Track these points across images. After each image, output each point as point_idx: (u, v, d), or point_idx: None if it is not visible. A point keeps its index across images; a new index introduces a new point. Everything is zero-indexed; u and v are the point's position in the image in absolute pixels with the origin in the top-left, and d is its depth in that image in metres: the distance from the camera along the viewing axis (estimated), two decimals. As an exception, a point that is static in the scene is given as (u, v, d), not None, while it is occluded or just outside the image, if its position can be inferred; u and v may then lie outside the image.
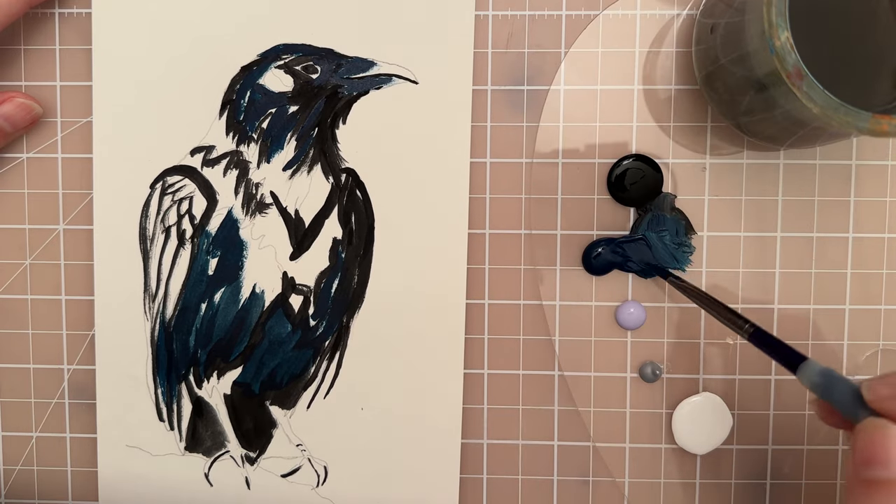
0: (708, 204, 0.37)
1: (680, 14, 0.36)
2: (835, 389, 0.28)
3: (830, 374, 0.28)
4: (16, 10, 0.35)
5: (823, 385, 0.28)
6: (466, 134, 0.36)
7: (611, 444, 0.38)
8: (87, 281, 0.38)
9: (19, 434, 0.38)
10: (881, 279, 0.37)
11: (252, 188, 0.37)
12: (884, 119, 0.27)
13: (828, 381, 0.28)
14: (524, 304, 0.37)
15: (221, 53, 0.36)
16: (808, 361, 0.29)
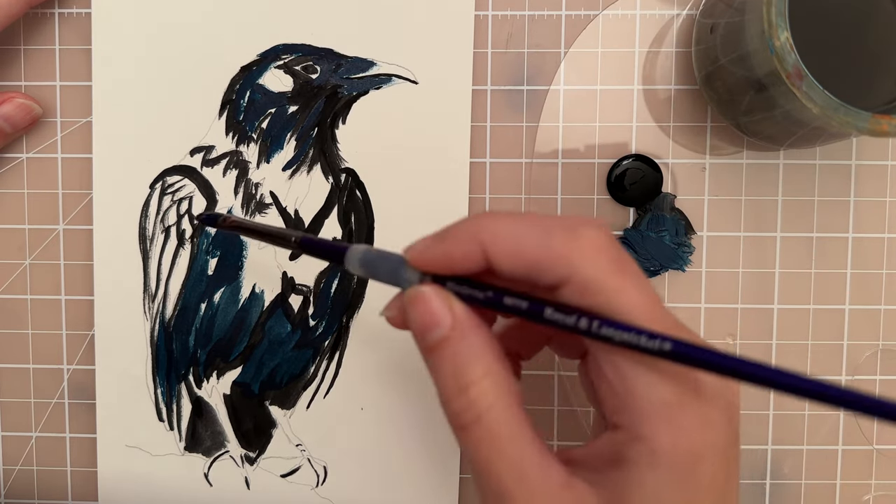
0: (708, 204, 0.37)
1: (680, 14, 0.36)
2: (379, 265, 0.25)
3: (372, 251, 0.26)
4: (16, 10, 0.35)
5: (368, 264, 0.26)
6: (466, 134, 0.36)
7: (610, 444, 0.38)
8: (86, 281, 0.38)
9: (19, 434, 0.38)
10: (881, 279, 0.37)
11: (252, 188, 0.37)
12: (884, 119, 0.27)
13: (371, 259, 0.26)
14: (524, 304, 0.37)
15: (221, 53, 0.36)
16: (350, 248, 0.26)
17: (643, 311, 0.22)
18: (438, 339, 0.24)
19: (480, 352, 0.24)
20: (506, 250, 0.23)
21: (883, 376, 0.37)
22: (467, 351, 0.24)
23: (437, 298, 0.24)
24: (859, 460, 0.37)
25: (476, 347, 0.24)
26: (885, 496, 0.38)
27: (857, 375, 0.37)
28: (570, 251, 0.22)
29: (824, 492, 0.38)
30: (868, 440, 0.37)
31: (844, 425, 0.37)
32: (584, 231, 0.23)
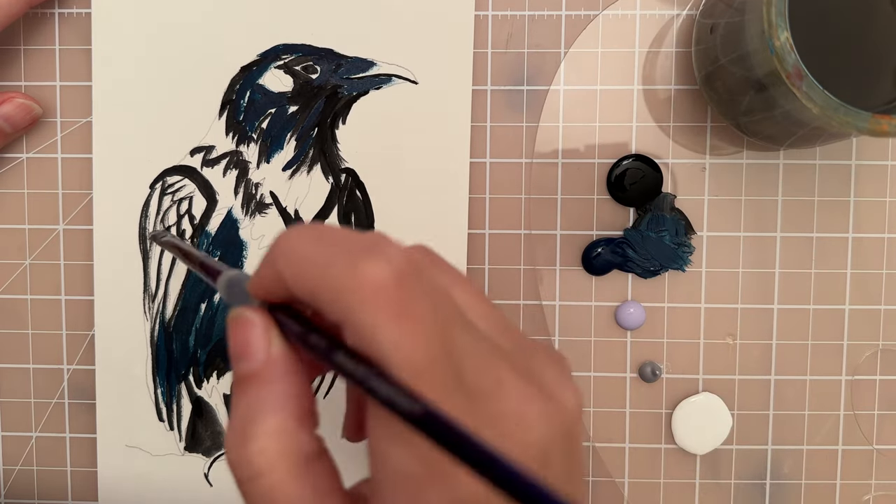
0: (708, 204, 0.37)
1: (680, 14, 0.36)
2: (234, 290, 0.23)
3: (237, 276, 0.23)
4: (16, 10, 0.35)
5: (227, 288, 0.23)
6: (466, 134, 0.36)
7: (610, 444, 0.38)
8: (86, 281, 0.38)
9: (19, 434, 0.38)
10: (881, 279, 0.37)
11: (252, 188, 0.37)
12: (884, 119, 0.27)
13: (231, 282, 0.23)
14: (524, 304, 0.37)
15: (221, 53, 0.36)
16: (223, 273, 0.24)
17: (415, 368, 0.18)
18: (246, 372, 0.21)
19: (280, 404, 0.21)
20: (293, 276, 0.20)
21: (883, 376, 0.37)
22: (268, 398, 0.21)
23: (257, 328, 0.21)
24: (859, 460, 0.37)
25: (278, 397, 0.21)
26: (885, 496, 0.38)
27: (857, 375, 0.37)
28: (344, 288, 0.19)
29: (824, 492, 0.38)
30: (868, 440, 0.37)
31: (844, 425, 0.37)
32: (366, 265, 0.19)
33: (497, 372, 0.20)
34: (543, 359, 0.22)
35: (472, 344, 0.20)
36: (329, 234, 0.21)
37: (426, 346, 0.18)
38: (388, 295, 0.19)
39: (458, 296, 0.21)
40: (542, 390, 0.20)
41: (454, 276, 0.22)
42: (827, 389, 0.37)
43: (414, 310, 0.19)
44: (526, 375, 0.20)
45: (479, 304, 0.21)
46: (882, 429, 0.37)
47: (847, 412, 0.37)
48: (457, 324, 0.20)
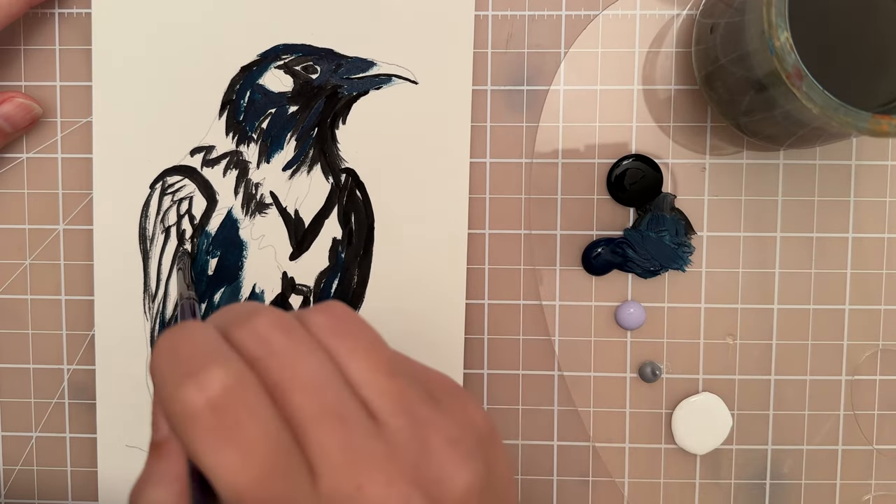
0: (708, 204, 0.37)
1: (680, 14, 0.36)
2: None
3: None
4: (16, 10, 0.35)
5: None
6: (466, 134, 0.36)
7: (610, 444, 0.38)
8: (86, 281, 0.38)
9: (19, 434, 0.38)
10: (881, 279, 0.37)
11: (252, 188, 0.37)
12: (884, 119, 0.27)
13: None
14: (524, 304, 0.37)
15: (221, 53, 0.36)
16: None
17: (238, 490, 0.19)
18: (152, 440, 0.23)
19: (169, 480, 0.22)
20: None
21: (883, 376, 0.37)
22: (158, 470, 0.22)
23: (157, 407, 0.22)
24: (859, 460, 0.37)
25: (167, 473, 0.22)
26: (885, 496, 0.38)
27: (857, 375, 0.37)
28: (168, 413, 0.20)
29: (824, 492, 0.38)
30: (868, 440, 0.37)
31: (844, 425, 0.37)
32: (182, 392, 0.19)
33: (358, 477, 0.19)
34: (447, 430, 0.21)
35: (336, 443, 0.20)
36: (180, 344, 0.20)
37: (248, 467, 0.19)
38: (204, 422, 0.19)
39: (355, 371, 0.21)
40: (419, 482, 0.20)
41: (353, 346, 0.22)
42: (827, 389, 0.37)
43: (235, 434, 0.19)
44: (401, 469, 0.20)
45: (377, 378, 0.21)
46: (882, 429, 0.37)
47: (847, 412, 0.37)
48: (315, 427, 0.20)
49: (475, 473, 0.21)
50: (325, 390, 0.20)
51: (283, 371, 0.20)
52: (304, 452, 0.20)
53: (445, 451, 0.21)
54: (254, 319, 0.21)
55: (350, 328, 0.22)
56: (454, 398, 0.23)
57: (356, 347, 0.22)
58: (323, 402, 0.20)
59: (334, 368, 0.21)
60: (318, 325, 0.22)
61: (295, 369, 0.20)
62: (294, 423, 0.20)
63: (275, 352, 0.21)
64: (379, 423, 0.21)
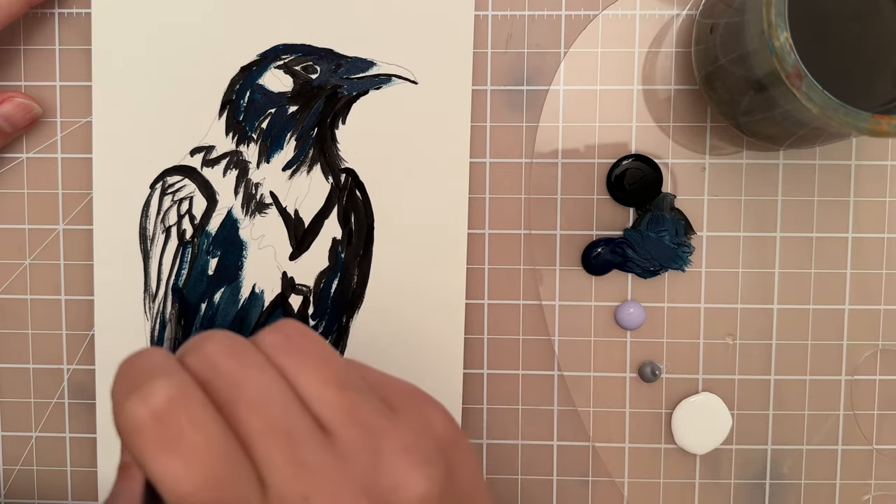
0: (707, 204, 0.37)
1: (679, 14, 0.36)
2: None
3: None
4: (16, 10, 0.35)
5: None
6: (466, 134, 0.36)
7: (610, 444, 0.38)
8: (86, 281, 0.38)
9: (19, 434, 0.39)
10: (881, 279, 0.37)
11: (252, 188, 0.37)
12: (883, 119, 0.27)
13: None
14: (524, 304, 0.37)
15: (221, 53, 0.36)
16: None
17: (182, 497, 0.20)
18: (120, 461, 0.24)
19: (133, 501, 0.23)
20: None
21: (883, 376, 0.37)
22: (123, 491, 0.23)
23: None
24: (859, 460, 0.37)
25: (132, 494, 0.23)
26: (884, 496, 0.38)
27: (857, 375, 0.37)
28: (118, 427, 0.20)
29: (824, 492, 0.38)
30: (868, 440, 0.37)
31: (844, 425, 0.37)
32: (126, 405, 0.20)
33: (304, 488, 0.20)
34: (401, 438, 0.22)
35: (282, 456, 0.20)
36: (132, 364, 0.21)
37: (192, 475, 0.19)
38: (148, 433, 0.20)
39: (305, 386, 0.22)
40: (371, 491, 0.20)
41: (302, 362, 0.22)
42: (827, 389, 0.37)
43: (178, 443, 0.19)
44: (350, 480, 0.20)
45: (327, 391, 0.22)
46: (882, 429, 0.37)
47: (847, 412, 0.37)
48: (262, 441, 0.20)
49: (431, 479, 0.21)
50: (272, 406, 0.21)
51: (230, 390, 0.21)
52: (254, 466, 0.20)
53: (399, 459, 0.21)
54: (204, 345, 0.22)
55: (299, 345, 0.22)
56: (412, 405, 0.23)
57: (305, 363, 0.22)
58: (269, 417, 0.21)
59: (284, 385, 0.21)
60: (268, 344, 0.22)
61: (242, 387, 0.21)
62: (243, 438, 0.20)
63: (223, 372, 0.21)
64: (330, 435, 0.21)
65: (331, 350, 0.23)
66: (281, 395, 0.21)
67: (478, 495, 0.23)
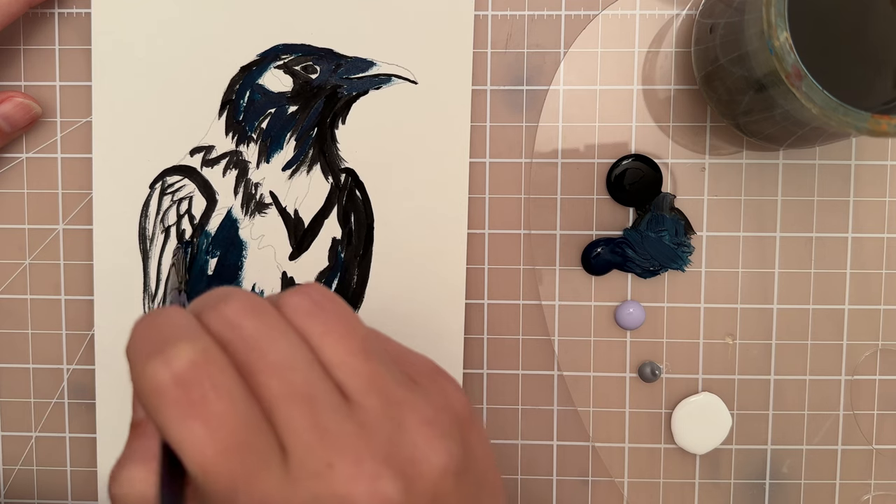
0: (707, 204, 0.37)
1: (679, 14, 0.36)
2: None
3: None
4: (16, 10, 0.35)
5: None
6: (466, 134, 0.36)
7: (610, 444, 0.38)
8: (86, 281, 0.38)
9: (19, 434, 0.39)
10: (881, 279, 0.37)
11: (251, 188, 0.37)
12: (883, 119, 0.27)
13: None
14: (523, 304, 0.37)
15: (221, 53, 0.36)
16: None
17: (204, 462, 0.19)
18: (132, 420, 0.23)
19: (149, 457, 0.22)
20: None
21: (883, 376, 0.37)
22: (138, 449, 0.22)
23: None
24: (859, 460, 0.37)
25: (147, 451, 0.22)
26: (884, 496, 0.38)
27: (856, 375, 0.37)
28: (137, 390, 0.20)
29: (824, 492, 0.38)
30: (868, 440, 0.37)
31: (844, 425, 0.37)
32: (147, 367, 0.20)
33: (328, 455, 0.20)
34: (422, 411, 0.21)
35: (305, 423, 0.20)
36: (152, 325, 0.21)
37: (214, 440, 0.19)
38: (169, 396, 0.19)
39: (329, 352, 0.21)
40: (392, 461, 0.20)
41: (327, 327, 0.22)
42: (826, 389, 0.37)
43: (200, 408, 0.19)
44: (372, 448, 0.20)
45: (351, 359, 0.21)
46: (882, 429, 0.37)
47: (847, 412, 0.37)
48: (283, 407, 0.20)
49: (450, 454, 0.21)
50: (295, 371, 0.20)
51: (251, 353, 0.21)
52: (275, 432, 0.20)
53: (420, 431, 0.21)
54: (225, 304, 0.21)
55: (325, 309, 0.22)
56: (432, 380, 0.23)
57: (330, 329, 0.22)
58: (292, 382, 0.20)
59: (307, 350, 0.21)
60: (292, 306, 0.22)
61: (264, 351, 0.21)
62: (264, 403, 0.20)
63: (244, 335, 0.21)
64: (352, 403, 0.21)
65: (356, 317, 0.22)
66: (303, 360, 0.21)
67: (491, 474, 0.23)
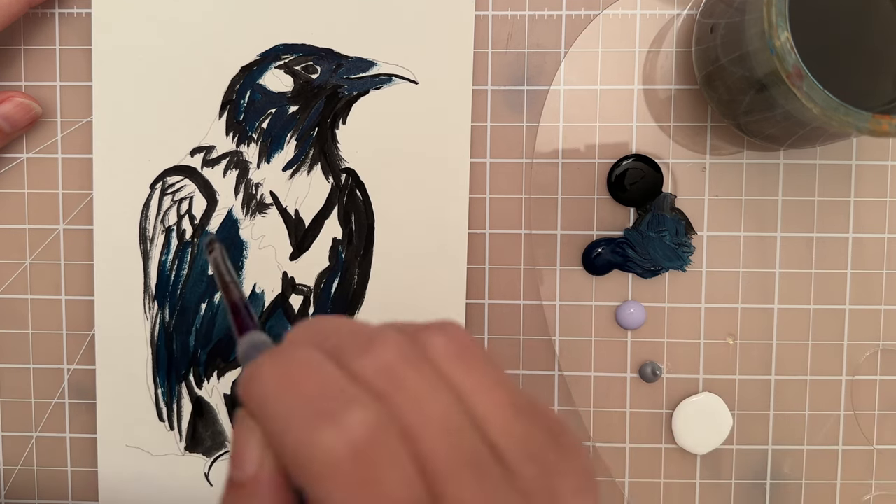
0: (708, 204, 0.37)
1: (680, 14, 0.36)
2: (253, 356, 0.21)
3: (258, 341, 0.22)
4: (16, 10, 0.35)
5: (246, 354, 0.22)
6: (466, 134, 0.36)
7: (611, 444, 0.38)
8: (87, 281, 0.38)
9: (19, 434, 0.38)
10: (881, 279, 0.37)
11: (252, 188, 0.37)
12: (884, 119, 0.27)
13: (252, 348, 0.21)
14: (524, 304, 0.37)
15: (221, 53, 0.36)
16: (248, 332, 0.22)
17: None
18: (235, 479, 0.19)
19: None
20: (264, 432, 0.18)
21: (883, 376, 0.37)
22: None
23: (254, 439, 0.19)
24: (859, 460, 0.37)
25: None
26: (885, 496, 0.38)
27: (857, 375, 0.37)
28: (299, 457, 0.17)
29: (824, 492, 0.38)
30: (868, 440, 0.37)
31: (844, 425, 0.37)
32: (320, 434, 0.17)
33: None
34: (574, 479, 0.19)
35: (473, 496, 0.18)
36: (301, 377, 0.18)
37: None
38: (344, 471, 0.17)
39: (482, 409, 0.19)
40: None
41: (480, 379, 0.19)
42: (827, 389, 0.37)
43: (377, 487, 0.17)
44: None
45: (505, 417, 0.19)
46: (882, 429, 0.37)
47: (847, 412, 0.37)
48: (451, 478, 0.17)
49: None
50: (461, 434, 0.18)
51: (413, 412, 0.18)
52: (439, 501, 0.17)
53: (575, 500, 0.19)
54: (377, 348, 0.19)
55: (474, 356, 0.20)
56: (567, 438, 0.20)
57: (483, 382, 0.19)
58: (459, 448, 0.18)
59: (464, 407, 0.19)
60: (438, 350, 0.19)
61: (426, 409, 0.18)
62: (427, 471, 0.18)
63: (402, 388, 0.18)
64: (509, 470, 0.18)
65: (499, 365, 0.20)
66: (466, 420, 0.18)
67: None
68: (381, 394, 0.18)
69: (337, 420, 0.17)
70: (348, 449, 0.17)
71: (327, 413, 0.17)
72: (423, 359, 0.19)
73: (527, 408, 0.20)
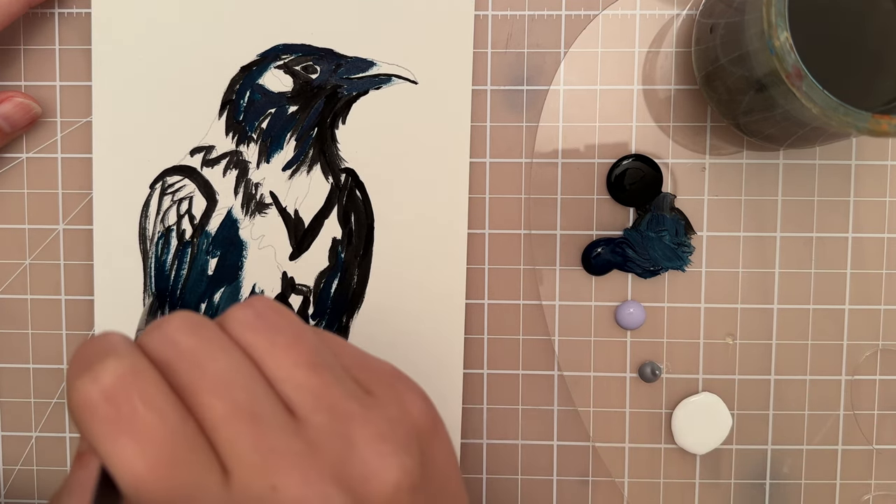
0: (707, 204, 0.37)
1: (680, 14, 0.36)
2: None
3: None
4: (16, 10, 0.35)
5: None
6: (466, 134, 0.36)
7: (610, 444, 0.38)
8: (86, 281, 0.38)
9: (19, 434, 0.39)
10: (881, 279, 0.37)
11: (252, 188, 0.37)
12: (883, 119, 0.27)
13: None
14: (524, 304, 0.37)
15: (221, 53, 0.36)
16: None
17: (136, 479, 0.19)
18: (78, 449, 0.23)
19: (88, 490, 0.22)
20: None
21: (883, 376, 0.37)
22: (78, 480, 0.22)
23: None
24: (859, 460, 0.37)
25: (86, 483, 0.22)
26: (885, 496, 0.38)
27: (857, 375, 0.37)
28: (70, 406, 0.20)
29: (824, 492, 0.38)
30: (868, 440, 0.37)
31: (844, 425, 0.37)
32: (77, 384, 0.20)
33: (273, 477, 0.19)
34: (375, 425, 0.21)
35: (248, 442, 0.19)
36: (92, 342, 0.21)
37: (145, 456, 0.18)
38: (99, 412, 0.19)
39: (274, 367, 0.21)
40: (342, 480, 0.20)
41: (273, 340, 0.21)
42: (827, 389, 0.37)
43: (129, 422, 0.19)
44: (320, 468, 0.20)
45: (298, 372, 0.21)
46: (882, 429, 0.37)
47: (847, 412, 0.37)
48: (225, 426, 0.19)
49: (403, 469, 0.20)
50: (236, 388, 0.20)
51: (191, 371, 0.20)
52: (217, 452, 0.19)
53: (371, 447, 0.20)
54: (164, 325, 0.21)
55: (269, 321, 0.21)
56: (390, 388, 0.22)
57: (275, 341, 0.21)
58: (233, 400, 0.20)
59: (250, 365, 0.21)
60: (237, 321, 0.21)
61: (203, 369, 0.20)
62: (206, 422, 0.19)
63: (182, 352, 0.20)
64: (298, 420, 0.20)
65: (303, 326, 0.22)
66: (246, 377, 0.20)
67: (452, 486, 0.23)
68: (163, 361, 0.20)
69: (92, 370, 0.19)
70: (99, 392, 0.19)
71: (85, 368, 0.19)
72: (212, 329, 0.21)
73: (330, 363, 0.21)
